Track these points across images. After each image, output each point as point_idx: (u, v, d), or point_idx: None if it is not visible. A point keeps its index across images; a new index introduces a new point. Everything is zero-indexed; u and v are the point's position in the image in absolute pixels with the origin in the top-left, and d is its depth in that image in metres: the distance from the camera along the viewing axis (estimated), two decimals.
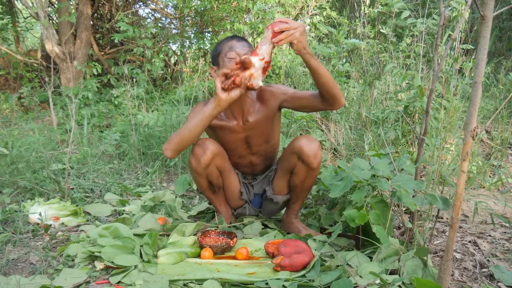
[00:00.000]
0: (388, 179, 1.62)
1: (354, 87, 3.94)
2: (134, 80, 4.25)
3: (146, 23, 5.70)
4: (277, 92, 1.82)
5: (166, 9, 6.03)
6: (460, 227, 2.05)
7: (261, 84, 1.63)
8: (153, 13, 6.10)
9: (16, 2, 5.64)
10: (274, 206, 2.01)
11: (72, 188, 2.56)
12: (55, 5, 5.19)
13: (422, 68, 3.55)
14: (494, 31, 5.83)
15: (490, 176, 2.77)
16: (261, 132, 1.86)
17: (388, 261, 1.54)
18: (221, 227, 1.91)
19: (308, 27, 5.88)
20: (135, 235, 1.76)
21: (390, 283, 1.37)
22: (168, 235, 1.88)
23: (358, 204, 1.58)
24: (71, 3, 4.86)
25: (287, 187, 1.94)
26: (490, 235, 1.93)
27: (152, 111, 3.84)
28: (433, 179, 1.85)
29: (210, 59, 1.87)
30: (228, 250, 1.75)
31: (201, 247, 1.73)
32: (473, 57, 3.35)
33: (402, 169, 1.77)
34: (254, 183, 2.05)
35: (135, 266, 1.58)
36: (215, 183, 1.92)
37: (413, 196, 1.70)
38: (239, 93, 1.60)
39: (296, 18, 5.89)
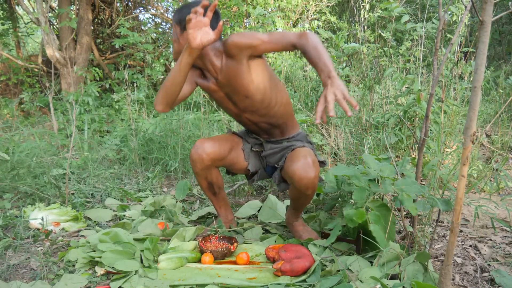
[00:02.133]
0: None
1: (354, 91, 3.94)
2: (135, 84, 4.26)
3: (146, 28, 5.71)
4: (242, 44, 1.63)
5: (166, 14, 6.06)
6: (461, 231, 2.04)
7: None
8: (153, 18, 6.12)
9: (17, 7, 5.66)
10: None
11: (73, 193, 2.56)
12: (56, 11, 5.21)
13: (422, 72, 3.56)
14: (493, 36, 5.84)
15: (490, 180, 2.77)
16: (235, 88, 1.73)
17: (389, 265, 1.53)
18: (221, 232, 1.91)
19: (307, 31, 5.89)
20: (135, 240, 1.76)
21: None
22: (168, 240, 1.88)
23: (358, 205, 1.59)
24: (72, 8, 4.88)
25: None
26: (490, 239, 1.93)
27: (153, 116, 3.85)
28: (434, 184, 1.85)
29: (174, 19, 1.71)
30: (228, 255, 1.75)
31: (202, 252, 1.73)
32: (472, 60, 3.36)
33: (402, 174, 1.77)
34: (265, 154, 1.97)
35: (136, 271, 1.58)
36: (215, 183, 1.93)
37: (414, 201, 1.70)
38: (210, 37, 1.51)
39: (296, 23, 5.91)
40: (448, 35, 3.85)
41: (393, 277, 1.49)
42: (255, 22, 4.92)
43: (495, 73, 4.45)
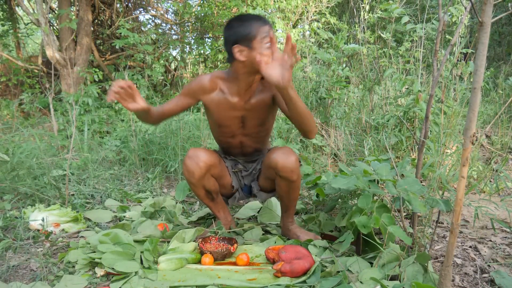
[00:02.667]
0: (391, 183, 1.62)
1: (354, 93, 3.95)
2: (135, 85, 4.26)
3: (146, 29, 5.72)
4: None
5: (166, 15, 6.06)
6: (461, 232, 2.04)
7: None
8: (153, 19, 6.12)
9: (17, 8, 5.67)
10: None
11: (73, 194, 2.56)
12: (56, 11, 5.22)
13: (422, 73, 3.56)
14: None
15: (490, 181, 2.77)
16: (258, 114, 1.85)
17: (389, 266, 1.53)
18: (221, 233, 1.91)
19: (308, 33, 5.90)
20: (135, 241, 1.76)
21: None
22: (168, 242, 1.88)
23: (366, 210, 1.59)
24: (72, 9, 4.89)
25: (272, 185, 1.95)
26: (490, 240, 1.93)
27: None
28: (434, 185, 1.85)
29: (231, 39, 1.71)
30: (228, 256, 1.75)
31: (202, 253, 1.73)
32: (471, 61, 3.36)
33: (402, 175, 1.77)
34: (244, 175, 2.05)
35: (136, 273, 1.58)
36: (213, 190, 1.93)
37: None
38: (138, 106, 1.72)
39: (296, 24, 5.91)
40: (448, 36, 3.85)
41: (393, 278, 1.49)
42: None
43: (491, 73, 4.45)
